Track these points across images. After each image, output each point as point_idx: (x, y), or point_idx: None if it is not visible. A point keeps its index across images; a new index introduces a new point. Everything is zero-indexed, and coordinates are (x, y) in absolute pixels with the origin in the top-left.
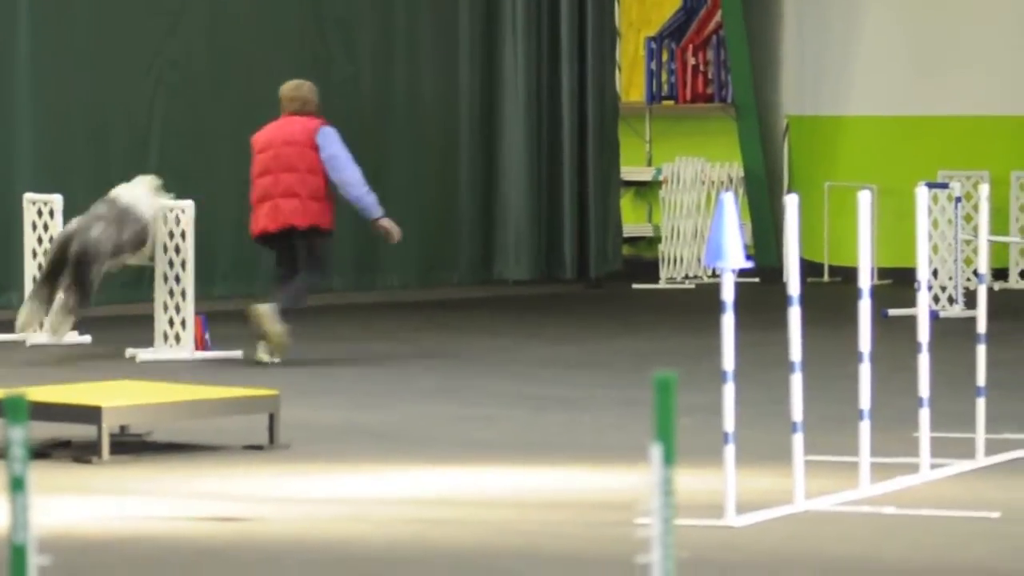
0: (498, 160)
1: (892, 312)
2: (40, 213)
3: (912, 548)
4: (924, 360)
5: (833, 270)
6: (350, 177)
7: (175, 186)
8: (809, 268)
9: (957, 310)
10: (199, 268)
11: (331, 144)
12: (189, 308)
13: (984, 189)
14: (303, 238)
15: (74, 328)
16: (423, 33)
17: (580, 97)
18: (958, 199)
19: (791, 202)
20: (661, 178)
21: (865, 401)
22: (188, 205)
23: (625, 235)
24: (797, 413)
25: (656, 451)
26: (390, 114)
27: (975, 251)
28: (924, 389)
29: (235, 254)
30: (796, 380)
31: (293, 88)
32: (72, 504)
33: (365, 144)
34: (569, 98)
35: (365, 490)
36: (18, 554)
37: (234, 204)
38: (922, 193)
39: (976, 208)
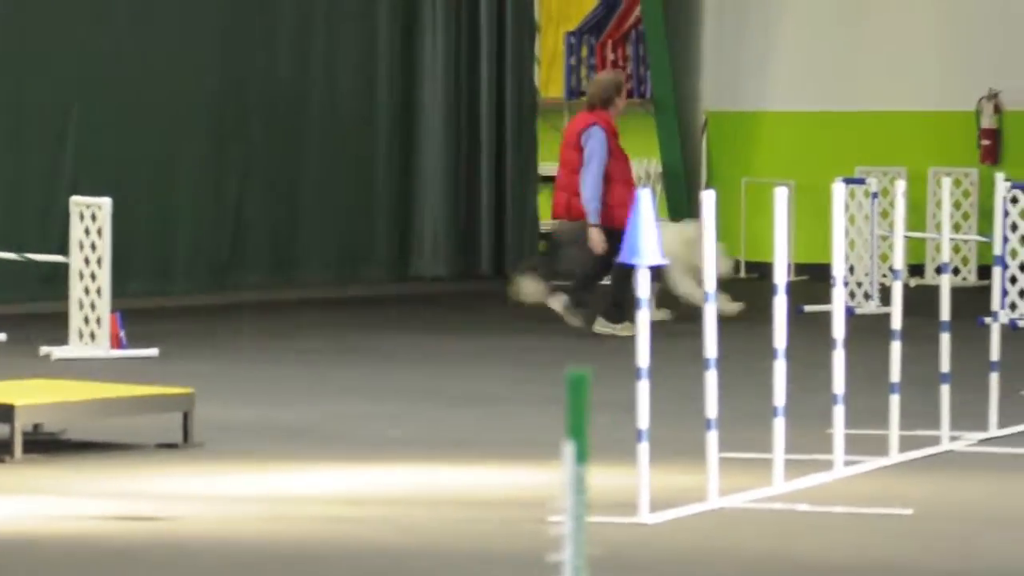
0: (416, 155)
1: (808, 308)
2: None
3: (825, 545)
4: (839, 356)
5: (750, 266)
6: (584, 180)
7: (91, 183)
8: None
9: (873, 306)
10: (115, 265)
11: (588, 144)
12: (105, 306)
13: (900, 185)
14: (583, 231)
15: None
16: (342, 26)
17: (499, 92)
18: (875, 195)
19: (708, 198)
20: None
21: (780, 398)
22: (105, 202)
23: (542, 231)
24: (711, 410)
25: (568, 449)
26: (307, 108)
27: (891, 247)
28: (839, 386)
29: (151, 251)
30: (711, 377)
31: (590, 83)
32: None
33: (282, 138)
34: (488, 93)
35: (279, 488)
36: None
37: (151, 201)
38: (838, 189)
39: (893, 204)
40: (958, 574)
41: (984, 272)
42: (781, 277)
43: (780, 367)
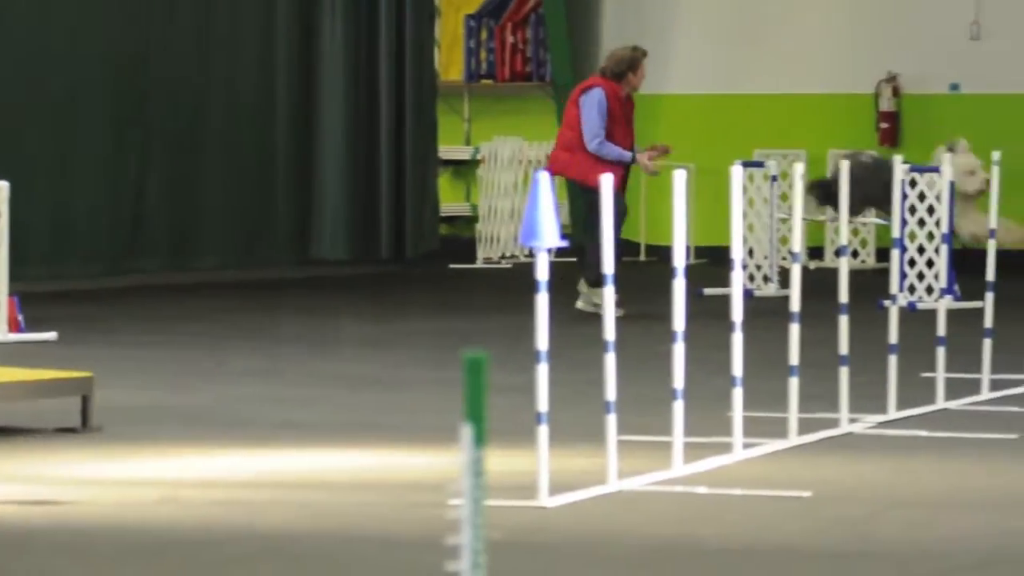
0: (316, 138)
1: (708, 291)
2: None
3: (724, 528)
4: (738, 339)
5: (650, 249)
6: (585, 139)
7: None
8: (626, 247)
9: (772, 289)
10: (13, 248)
11: (583, 107)
12: (2, 289)
13: (799, 168)
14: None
15: None
16: (241, 9)
17: (399, 75)
18: (774, 178)
19: (605, 181)
20: (479, 157)
21: (679, 381)
22: (2, 185)
23: (442, 214)
24: (611, 393)
25: (466, 432)
26: (206, 92)
27: (790, 230)
28: (737, 368)
29: (50, 235)
30: (610, 360)
31: (608, 55)
32: None
33: (181, 121)
34: (388, 76)
35: (179, 472)
36: None
37: (48, 183)
38: (737, 172)
39: (792, 187)
40: (856, 556)
41: (883, 255)
42: (680, 260)
43: (679, 350)
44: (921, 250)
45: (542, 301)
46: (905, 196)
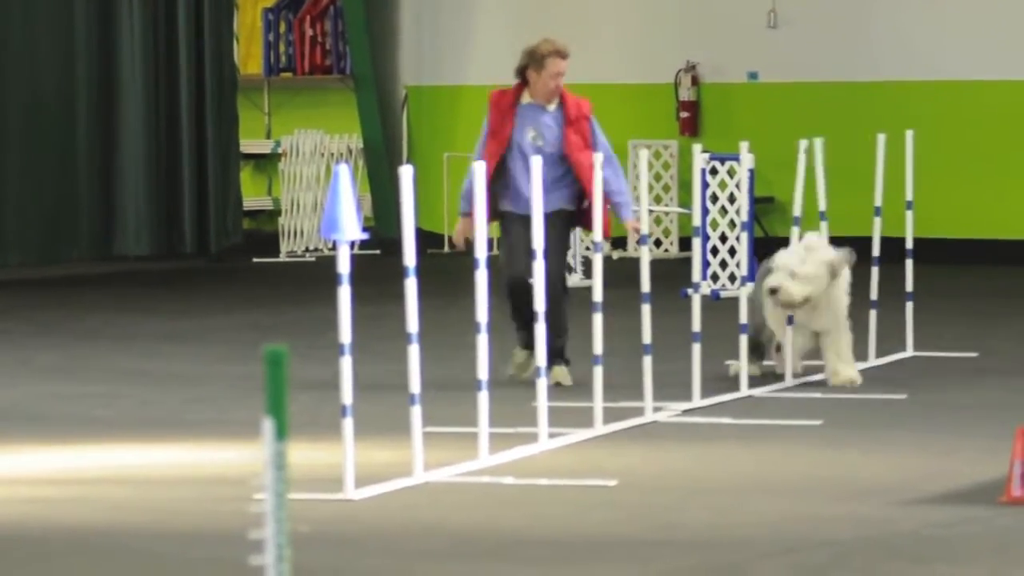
0: (116, 134)
1: None
2: None
3: (531, 518)
4: (541, 329)
5: (453, 241)
6: None
7: None
8: (429, 239)
9: (576, 279)
10: None
11: None
12: None
13: (598, 158)
14: None
15: None
16: (38, 3)
17: (198, 70)
18: None
19: (406, 173)
20: (280, 151)
21: (483, 371)
22: None
23: (245, 208)
24: (415, 385)
25: (268, 425)
26: (5, 87)
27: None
28: (542, 359)
29: None
30: (413, 351)
31: None
32: None
33: None
34: (187, 70)
35: None
36: None
37: None
38: (537, 162)
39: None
40: (661, 544)
41: (686, 244)
42: (481, 251)
43: (483, 341)
44: (723, 239)
45: (344, 294)
46: (706, 185)
